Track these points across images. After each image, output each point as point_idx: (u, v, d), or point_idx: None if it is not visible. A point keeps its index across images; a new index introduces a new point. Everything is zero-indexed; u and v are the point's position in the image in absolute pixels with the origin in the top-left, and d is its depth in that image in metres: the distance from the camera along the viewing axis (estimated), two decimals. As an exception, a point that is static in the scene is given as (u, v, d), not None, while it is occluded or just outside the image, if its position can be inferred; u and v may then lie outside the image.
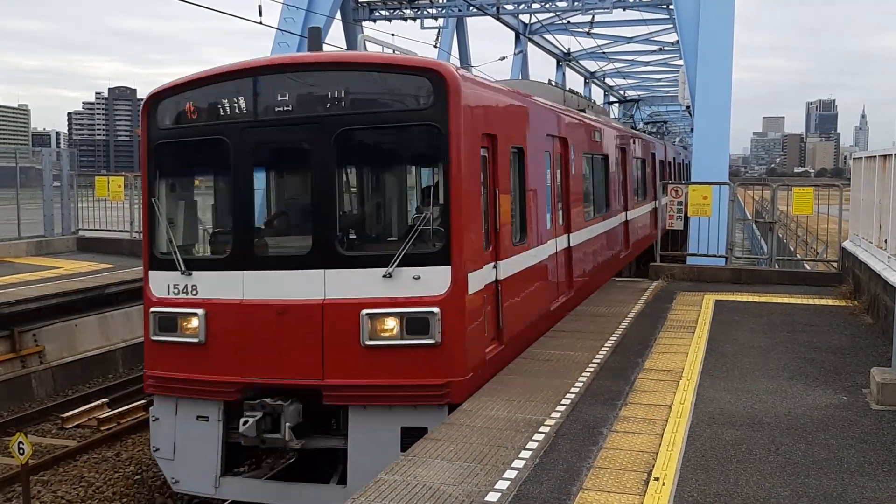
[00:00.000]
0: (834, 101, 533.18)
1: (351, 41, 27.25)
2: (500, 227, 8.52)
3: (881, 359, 8.69)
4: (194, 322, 7.87)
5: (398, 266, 7.40)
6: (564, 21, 36.56)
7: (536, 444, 6.22)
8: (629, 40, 41.57)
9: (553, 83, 17.30)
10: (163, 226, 8.32)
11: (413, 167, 9.41)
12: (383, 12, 28.91)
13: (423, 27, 30.53)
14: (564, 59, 44.21)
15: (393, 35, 22.69)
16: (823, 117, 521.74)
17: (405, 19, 29.48)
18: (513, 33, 37.15)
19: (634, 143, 19.42)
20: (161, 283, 8.16)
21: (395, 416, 7.37)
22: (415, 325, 7.37)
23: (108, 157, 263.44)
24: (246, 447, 7.90)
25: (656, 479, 5.55)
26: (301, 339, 7.53)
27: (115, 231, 21.02)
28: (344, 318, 7.43)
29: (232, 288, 7.77)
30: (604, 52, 43.89)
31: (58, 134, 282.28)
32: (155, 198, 8.34)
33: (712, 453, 6.03)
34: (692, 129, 26.97)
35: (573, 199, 11.75)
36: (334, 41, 32.10)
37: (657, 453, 6.01)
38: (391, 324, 7.40)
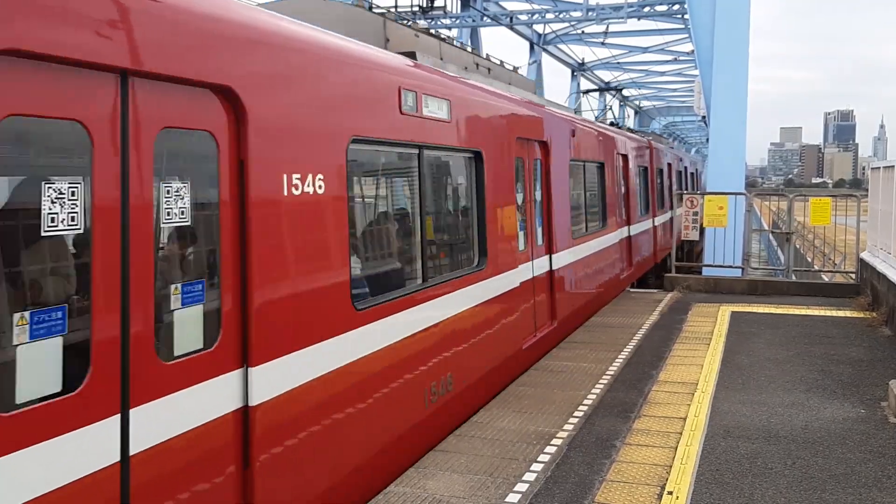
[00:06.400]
0: (852, 111, 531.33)
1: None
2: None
3: (900, 371, 8.57)
4: None
5: None
6: (579, 31, 36.64)
7: (548, 456, 6.15)
8: (644, 50, 41.65)
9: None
10: None
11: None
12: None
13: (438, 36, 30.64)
14: (579, 68, 44.24)
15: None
16: (841, 127, 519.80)
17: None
18: (527, 43, 37.22)
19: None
20: None
21: None
22: None
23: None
24: None
25: (670, 492, 5.47)
26: None
27: None
28: None
29: None
30: (618, 63, 43.94)
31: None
32: None
33: (727, 467, 5.94)
34: (708, 140, 26.82)
35: None
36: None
37: (671, 467, 5.93)
38: None
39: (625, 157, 15.90)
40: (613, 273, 14.34)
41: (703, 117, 29.76)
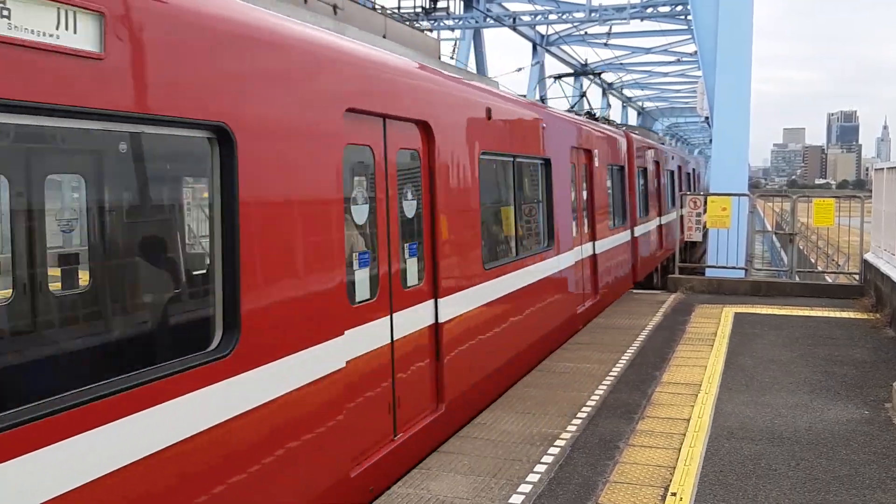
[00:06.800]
0: (855, 112, 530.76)
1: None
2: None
3: (904, 373, 8.55)
4: None
5: None
6: (582, 32, 36.64)
7: (552, 457, 6.15)
8: (647, 51, 41.66)
9: None
10: None
11: None
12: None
13: (439, 39, 30.71)
14: (582, 69, 44.24)
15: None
16: (845, 128, 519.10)
17: (422, 31, 29.65)
18: (530, 44, 37.24)
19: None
20: None
21: None
22: None
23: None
24: None
25: (673, 494, 5.46)
26: None
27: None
28: None
29: None
30: (621, 64, 43.95)
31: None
32: None
33: (731, 468, 5.93)
34: (711, 141, 26.79)
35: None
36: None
37: (674, 468, 5.93)
38: None
39: (588, 152, 12.50)
40: (565, 307, 10.81)
41: (706, 118, 29.75)
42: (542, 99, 16.09)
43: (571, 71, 31.32)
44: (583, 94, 18.64)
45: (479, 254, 7.67)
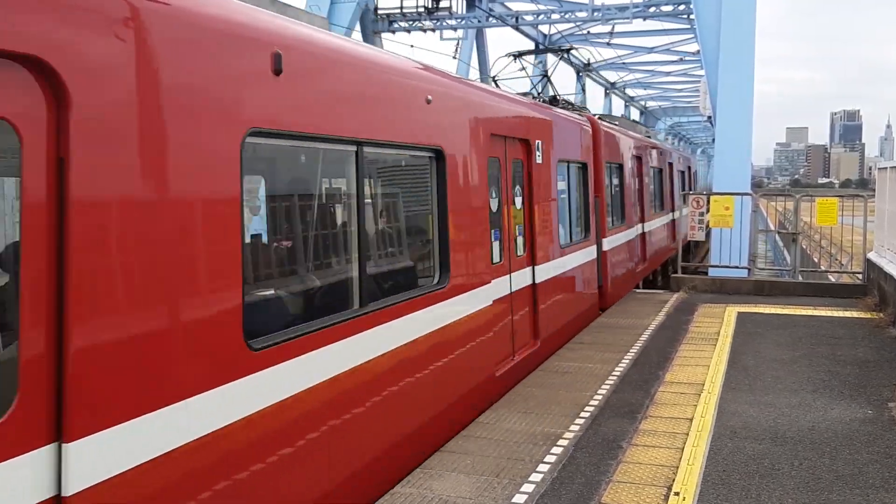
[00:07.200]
0: (858, 111, 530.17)
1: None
2: None
3: (907, 372, 8.54)
4: None
5: None
6: (584, 31, 36.63)
7: (555, 457, 6.15)
8: (650, 50, 41.62)
9: None
10: None
11: None
12: (403, 24, 29.09)
13: (441, 38, 30.69)
14: (584, 69, 44.19)
15: (412, 46, 22.73)
16: (848, 127, 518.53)
17: (424, 31, 29.68)
18: (532, 44, 37.19)
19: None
20: None
21: None
22: None
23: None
24: None
25: (676, 493, 5.46)
26: None
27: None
28: None
29: None
30: (624, 63, 43.91)
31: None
32: None
33: (734, 468, 5.93)
34: (714, 140, 26.75)
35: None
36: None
37: (677, 468, 5.92)
38: None
39: (525, 142, 9.18)
40: (468, 373, 7.28)
41: (709, 117, 29.70)
42: (495, 80, 12.95)
43: (543, 50, 27.56)
44: (545, 75, 14.93)
45: (237, 322, 4.13)
